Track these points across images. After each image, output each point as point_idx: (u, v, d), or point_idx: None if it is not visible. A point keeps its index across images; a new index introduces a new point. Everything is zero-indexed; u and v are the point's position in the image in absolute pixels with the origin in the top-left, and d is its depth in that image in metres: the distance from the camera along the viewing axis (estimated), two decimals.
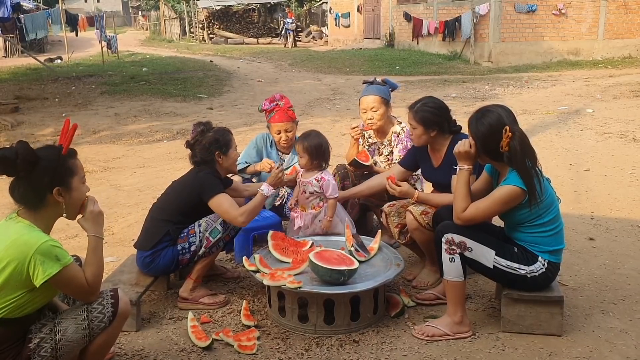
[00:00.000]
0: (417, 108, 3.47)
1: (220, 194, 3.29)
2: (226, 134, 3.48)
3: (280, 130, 4.17)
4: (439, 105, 3.50)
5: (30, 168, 2.25)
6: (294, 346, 2.98)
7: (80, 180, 2.41)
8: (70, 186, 2.35)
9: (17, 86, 13.70)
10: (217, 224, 3.32)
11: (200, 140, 3.40)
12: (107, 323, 2.37)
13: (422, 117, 3.44)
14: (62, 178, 2.32)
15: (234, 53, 25.11)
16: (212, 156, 3.39)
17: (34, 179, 2.27)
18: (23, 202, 2.30)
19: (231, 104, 11.89)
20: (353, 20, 26.33)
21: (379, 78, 4.26)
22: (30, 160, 2.25)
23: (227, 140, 3.45)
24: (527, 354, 2.85)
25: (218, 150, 3.40)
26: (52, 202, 2.31)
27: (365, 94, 4.14)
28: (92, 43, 27.33)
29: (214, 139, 3.40)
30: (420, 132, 3.47)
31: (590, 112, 9.54)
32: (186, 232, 3.33)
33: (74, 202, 2.39)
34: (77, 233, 4.72)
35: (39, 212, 2.31)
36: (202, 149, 3.39)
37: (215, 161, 3.41)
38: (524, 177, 2.77)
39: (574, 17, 17.44)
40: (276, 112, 4.18)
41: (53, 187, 2.29)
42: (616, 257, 4.02)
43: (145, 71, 16.85)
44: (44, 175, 2.28)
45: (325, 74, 16.90)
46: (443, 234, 2.94)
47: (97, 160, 7.35)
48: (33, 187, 2.28)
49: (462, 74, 15.20)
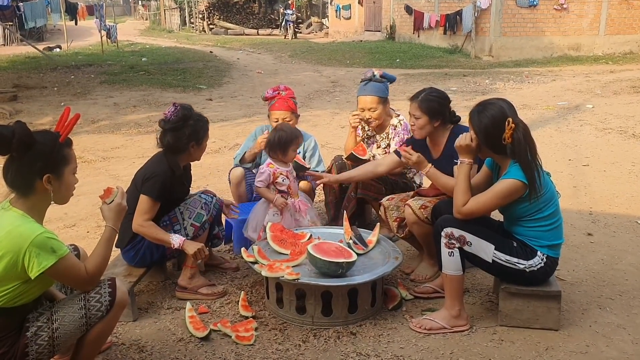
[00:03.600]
0: (422, 98, 3.46)
1: (147, 197, 3.17)
2: (205, 124, 3.39)
3: (278, 118, 4.15)
4: (442, 95, 3.50)
5: (24, 149, 2.21)
6: (291, 337, 2.99)
7: (72, 171, 2.36)
8: (62, 175, 2.31)
9: (15, 75, 13.65)
10: (198, 208, 3.32)
11: (180, 127, 3.26)
12: (104, 312, 2.36)
13: (428, 107, 3.43)
14: (54, 165, 2.28)
15: (233, 44, 25.02)
16: (187, 146, 3.30)
17: (26, 161, 2.23)
18: (13, 186, 2.26)
19: (230, 95, 11.86)
20: (354, 12, 26.23)
21: (377, 71, 4.19)
22: (26, 141, 2.21)
23: (205, 132, 3.37)
24: (524, 348, 2.86)
25: (194, 141, 3.31)
26: (40, 189, 2.26)
27: (362, 94, 4.13)
28: (92, 32, 27.22)
29: (195, 130, 3.29)
30: (424, 122, 3.46)
31: (590, 108, 9.53)
32: (168, 221, 3.31)
33: (62, 192, 2.34)
34: (75, 223, 4.72)
35: (29, 199, 2.26)
36: (180, 136, 3.25)
37: (187, 150, 3.33)
38: (525, 169, 2.77)
39: (575, 12, 17.39)
40: (277, 100, 4.18)
41: (44, 174, 2.24)
42: (614, 252, 4.03)
43: (145, 61, 16.80)
44: (37, 159, 2.24)
45: (325, 66, 16.85)
46: (442, 228, 2.94)
47: (96, 149, 7.34)
48: (24, 171, 2.24)
49: (463, 68, 15.17)
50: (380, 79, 4.15)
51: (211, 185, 5.65)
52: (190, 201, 3.37)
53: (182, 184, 3.47)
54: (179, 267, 3.68)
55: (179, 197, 3.46)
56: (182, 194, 3.50)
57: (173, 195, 3.35)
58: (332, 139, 7.42)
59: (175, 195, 3.39)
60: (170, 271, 3.75)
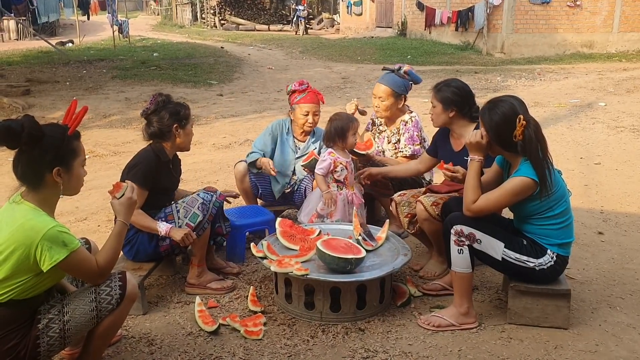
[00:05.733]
0: (439, 87, 3.53)
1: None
2: (186, 108, 3.41)
3: (309, 111, 4.15)
4: (462, 87, 3.52)
5: (33, 143, 2.22)
6: (299, 333, 3.00)
7: (81, 163, 2.37)
8: (71, 168, 2.32)
9: (28, 69, 13.76)
10: (195, 208, 3.29)
11: (160, 111, 3.31)
12: (114, 305, 2.38)
13: (442, 96, 3.48)
14: (64, 158, 2.29)
15: (244, 40, 25.06)
16: (170, 129, 3.31)
17: (36, 155, 2.24)
18: (24, 179, 2.28)
19: (241, 90, 11.88)
20: (365, 9, 26.16)
21: (406, 67, 4.14)
22: (35, 134, 2.22)
23: (186, 115, 3.38)
24: (533, 346, 2.85)
25: (177, 122, 3.32)
26: (50, 182, 2.28)
27: (380, 82, 4.15)
28: (104, 27, 27.37)
29: (175, 110, 3.33)
30: (439, 110, 3.51)
31: (603, 106, 9.45)
32: (163, 217, 3.31)
33: (72, 185, 2.35)
34: (87, 216, 4.75)
35: (39, 192, 2.28)
36: (161, 119, 3.30)
37: (172, 134, 3.34)
38: (536, 167, 2.75)
39: (588, 9, 17.23)
40: (308, 93, 4.17)
41: (54, 167, 2.26)
42: (625, 251, 4.00)
43: (156, 56, 16.87)
44: (46, 152, 2.25)
45: (336, 62, 16.82)
46: (452, 226, 2.93)
47: (107, 144, 7.38)
48: (34, 164, 2.25)
49: (474, 65, 15.09)
50: (403, 75, 4.13)
51: (221, 180, 5.67)
52: (188, 199, 3.34)
53: (170, 174, 3.46)
54: (187, 261, 3.68)
55: (167, 187, 3.45)
56: (171, 184, 3.50)
57: (160, 184, 3.34)
58: None
59: (163, 183, 3.38)
60: (180, 265, 3.77)
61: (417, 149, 4.09)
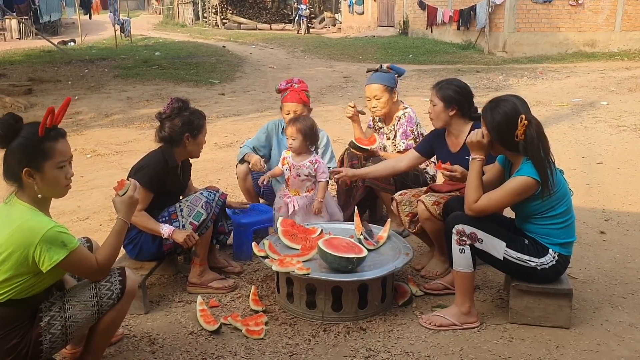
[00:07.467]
0: (440, 85, 3.51)
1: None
2: (201, 118, 3.42)
3: (290, 110, 4.14)
4: (463, 86, 3.51)
5: (5, 142, 2.22)
6: (301, 332, 3.00)
7: (56, 165, 2.27)
8: (42, 169, 2.24)
9: (30, 68, 13.77)
10: (198, 207, 3.30)
11: (174, 117, 3.32)
12: (115, 300, 2.39)
13: (444, 94, 3.46)
14: (32, 159, 2.23)
15: (246, 39, 25.05)
16: (181, 137, 3.33)
17: (9, 154, 2.24)
18: (5, 178, 2.28)
19: (243, 89, 11.89)
20: (367, 8, 26.14)
21: (385, 65, 4.27)
22: (4, 134, 2.21)
23: (200, 125, 3.39)
24: (534, 346, 2.85)
25: (189, 132, 3.34)
26: (27, 182, 2.25)
27: (369, 83, 4.21)
28: (106, 26, 27.34)
29: (189, 120, 3.34)
30: (440, 109, 3.48)
31: (605, 105, 9.44)
32: (167, 217, 3.31)
33: (46, 186, 2.27)
34: (88, 215, 4.75)
35: (25, 192, 2.26)
36: (174, 126, 3.31)
37: (183, 142, 3.35)
38: (538, 166, 2.75)
39: (590, 8, 17.21)
40: (289, 92, 4.18)
41: (23, 167, 2.22)
42: (627, 251, 4.00)
43: (158, 55, 16.86)
44: (16, 152, 2.23)
45: (337, 61, 16.82)
46: (454, 225, 2.93)
47: (109, 143, 7.39)
48: (9, 163, 2.24)
49: (476, 64, 15.07)
50: (387, 70, 4.20)
51: (222, 179, 5.68)
52: (191, 198, 3.35)
53: (177, 179, 3.47)
54: (189, 260, 3.69)
55: (173, 191, 3.46)
56: (177, 188, 3.51)
57: (166, 187, 3.35)
58: (344, 134, 7.39)
59: (168, 187, 3.39)
60: (182, 264, 3.77)
61: (410, 143, 4.09)
